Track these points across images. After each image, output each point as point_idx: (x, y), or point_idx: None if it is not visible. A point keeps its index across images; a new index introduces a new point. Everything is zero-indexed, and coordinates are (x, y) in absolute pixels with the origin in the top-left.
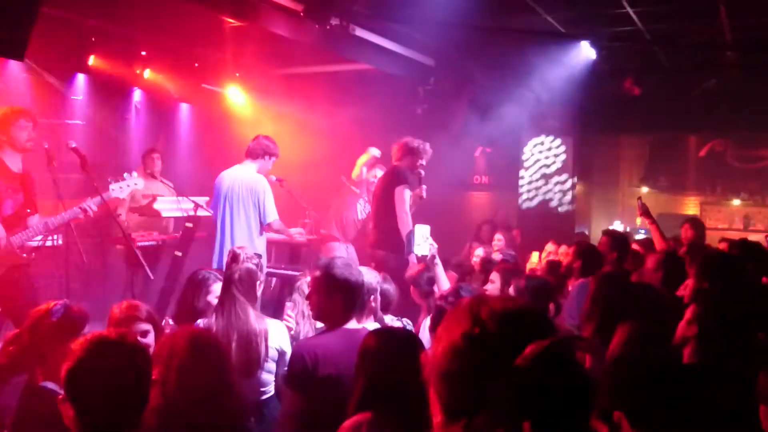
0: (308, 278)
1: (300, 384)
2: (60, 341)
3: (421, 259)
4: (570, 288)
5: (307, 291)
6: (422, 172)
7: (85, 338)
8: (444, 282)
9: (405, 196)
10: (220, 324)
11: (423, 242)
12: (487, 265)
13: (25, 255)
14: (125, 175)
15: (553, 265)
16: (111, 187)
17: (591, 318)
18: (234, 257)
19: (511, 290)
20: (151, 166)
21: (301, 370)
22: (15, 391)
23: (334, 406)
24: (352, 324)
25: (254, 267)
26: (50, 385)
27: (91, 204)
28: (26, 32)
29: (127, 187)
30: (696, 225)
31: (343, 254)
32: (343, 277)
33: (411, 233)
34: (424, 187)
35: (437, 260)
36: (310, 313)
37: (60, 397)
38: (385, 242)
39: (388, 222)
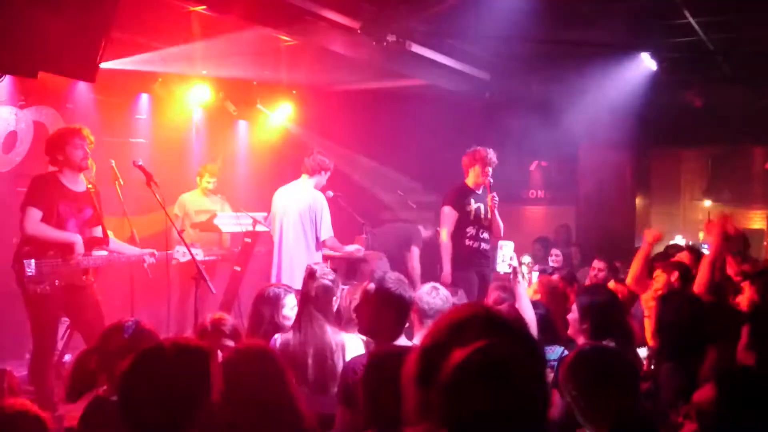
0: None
1: (353, 400)
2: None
3: (503, 277)
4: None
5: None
6: (491, 180)
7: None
8: (524, 301)
9: (448, 217)
10: (297, 339)
11: (503, 260)
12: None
13: (84, 278)
14: (178, 248)
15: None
16: (176, 248)
17: None
18: (311, 274)
19: (574, 308)
20: (205, 185)
21: (353, 385)
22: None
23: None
24: (402, 340)
25: (330, 283)
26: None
27: (153, 258)
28: (97, 55)
29: (183, 255)
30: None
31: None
32: (398, 293)
33: (493, 249)
34: (493, 194)
35: (519, 279)
36: None
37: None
38: (442, 259)
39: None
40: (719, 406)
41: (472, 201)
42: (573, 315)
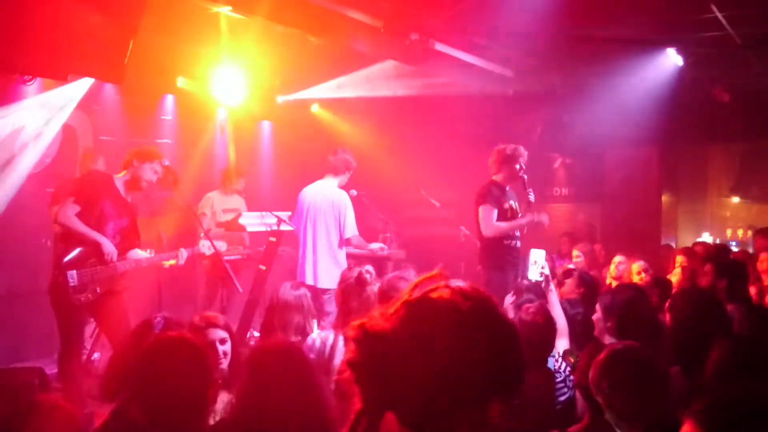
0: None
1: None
2: None
3: (534, 284)
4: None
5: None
6: (525, 177)
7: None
8: (556, 308)
9: (488, 214)
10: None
11: (535, 267)
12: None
13: (123, 282)
14: (203, 242)
15: (659, 281)
16: (201, 250)
17: None
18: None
19: (598, 308)
20: (232, 184)
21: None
22: None
23: None
24: None
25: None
26: None
27: (183, 254)
28: (124, 57)
29: (208, 249)
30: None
31: None
32: (384, 290)
33: (525, 255)
34: (530, 190)
35: (552, 287)
36: None
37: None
38: (480, 258)
39: (480, 239)
40: None
41: (506, 198)
42: (597, 315)
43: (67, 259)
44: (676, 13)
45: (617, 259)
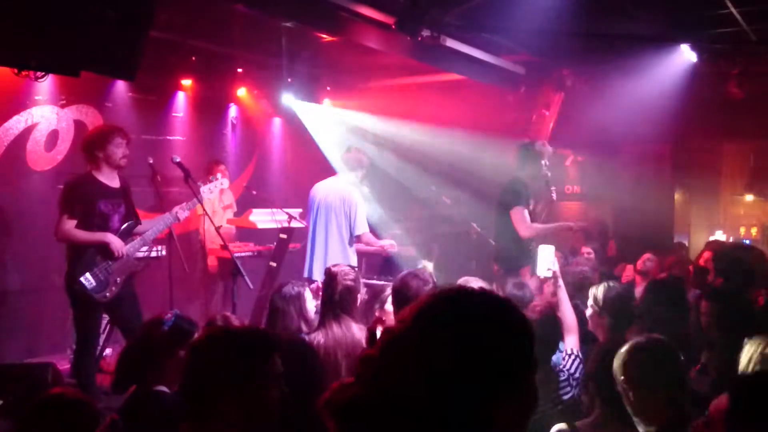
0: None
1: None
2: (171, 349)
3: (543, 280)
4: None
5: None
6: (548, 174)
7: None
8: (565, 305)
9: (522, 216)
10: (327, 340)
11: (544, 263)
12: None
13: (138, 262)
14: (211, 177)
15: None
16: (201, 189)
17: None
18: (332, 276)
19: (591, 303)
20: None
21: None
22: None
23: None
24: None
25: (352, 283)
26: (161, 388)
27: (185, 208)
28: (137, 54)
29: (215, 187)
30: None
31: None
32: (397, 287)
33: (535, 253)
34: (553, 188)
35: (560, 283)
36: None
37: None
38: (497, 257)
39: (500, 238)
40: (731, 419)
41: (530, 197)
42: (590, 311)
43: (77, 267)
44: (691, 9)
45: (647, 255)
